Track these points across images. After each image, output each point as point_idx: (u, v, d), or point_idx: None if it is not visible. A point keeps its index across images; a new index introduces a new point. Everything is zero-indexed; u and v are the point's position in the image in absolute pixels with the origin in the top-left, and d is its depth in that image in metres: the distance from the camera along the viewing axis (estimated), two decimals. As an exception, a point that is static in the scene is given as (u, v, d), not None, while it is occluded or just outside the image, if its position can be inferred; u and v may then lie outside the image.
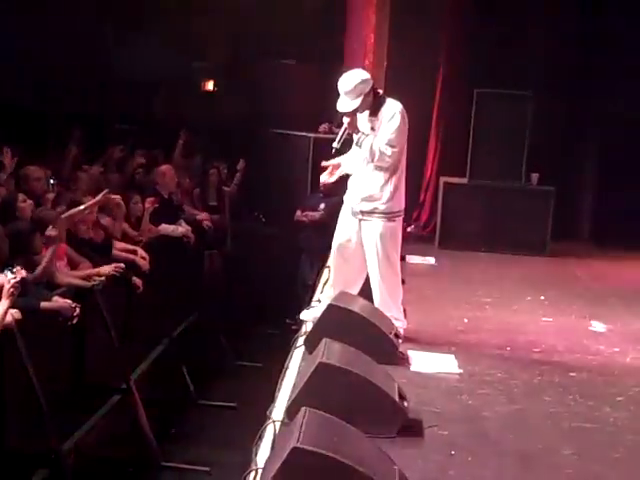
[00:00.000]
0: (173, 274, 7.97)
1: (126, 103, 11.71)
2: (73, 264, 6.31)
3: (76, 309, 5.58)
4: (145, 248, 7.44)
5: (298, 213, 9.68)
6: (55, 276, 5.88)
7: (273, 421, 4.01)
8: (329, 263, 5.97)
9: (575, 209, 10.71)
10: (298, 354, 5.17)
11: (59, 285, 5.83)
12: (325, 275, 6.75)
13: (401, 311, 5.69)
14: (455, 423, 4.36)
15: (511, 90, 9.59)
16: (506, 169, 9.62)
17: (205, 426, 7.38)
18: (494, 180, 9.64)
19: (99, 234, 7.03)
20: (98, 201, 6.76)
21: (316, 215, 9.47)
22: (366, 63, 9.85)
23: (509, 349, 5.77)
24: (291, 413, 3.91)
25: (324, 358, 4.13)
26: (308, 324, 5.60)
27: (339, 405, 3.83)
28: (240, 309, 9.87)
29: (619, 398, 4.92)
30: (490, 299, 7.24)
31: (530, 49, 10.41)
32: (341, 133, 5.51)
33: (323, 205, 9.30)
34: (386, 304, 5.52)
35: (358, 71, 5.56)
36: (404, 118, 5.46)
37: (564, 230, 10.09)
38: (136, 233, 7.80)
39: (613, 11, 10.16)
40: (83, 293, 5.94)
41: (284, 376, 4.78)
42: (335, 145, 5.46)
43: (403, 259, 8.24)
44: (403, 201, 5.60)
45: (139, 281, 6.91)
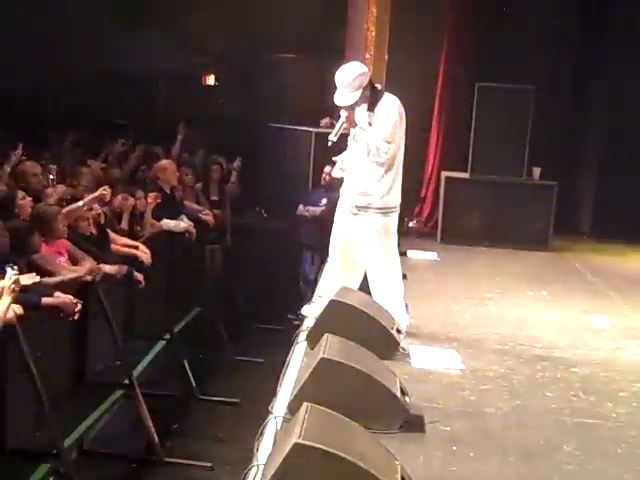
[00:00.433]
0: (175, 269, 7.96)
1: (126, 98, 11.72)
2: (74, 260, 6.30)
3: (78, 305, 5.58)
4: (147, 243, 7.44)
5: (300, 208, 9.66)
6: (57, 271, 5.89)
7: (275, 417, 4.01)
8: (329, 258, 5.95)
9: (577, 204, 10.71)
10: (300, 349, 5.17)
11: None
12: (326, 270, 6.74)
13: (402, 306, 5.68)
14: (457, 419, 4.35)
15: (513, 84, 9.57)
16: (508, 163, 9.61)
17: (207, 422, 7.38)
18: (496, 175, 9.62)
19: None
20: (96, 197, 6.75)
21: (318, 210, 9.45)
22: (367, 57, 9.83)
23: (511, 344, 5.76)
24: (293, 409, 3.91)
25: (326, 353, 4.13)
26: (310, 319, 5.59)
27: (341, 401, 3.83)
28: (242, 304, 9.87)
29: (621, 394, 4.92)
30: (492, 294, 7.24)
31: (532, 42, 10.39)
32: (338, 126, 5.46)
33: (325, 200, 9.27)
34: (386, 299, 5.50)
35: (355, 64, 5.52)
36: (401, 113, 5.43)
37: (566, 225, 10.09)
38: (138, 228, 7.79)
39: (617, 4, 10.15)
40: (85, 288, 5.93)
41: (286, 371, 4.78)
42: (331, 138, 5.39)
43: (405, 254, 8.26)
44: (399, 196, 5.56)
45: (141, 276, 6.90)
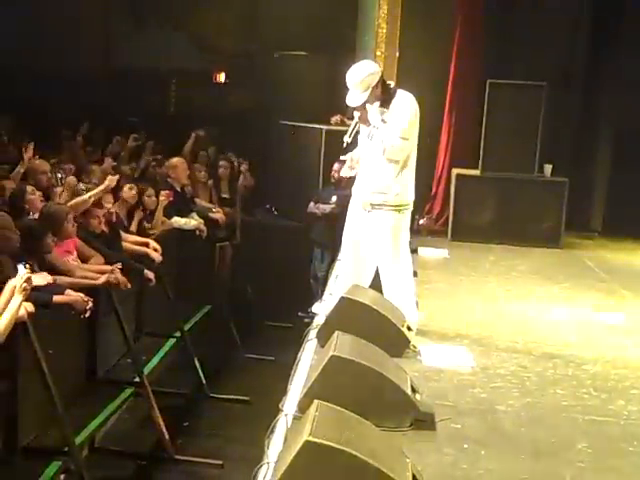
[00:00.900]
0: (185, 267, 7.97)
1: (138, 96, 11.74)
2: (83, 258, 6.32)
3: (89, 302, 5.59)
4: (157, 241, 7.45)
5: (311, 205, 9.66)
6: (69, 270, 5.90)
7: (285, 414, 4.01)
8: (340, 256, 5.94)
9: (588, 200, 10.65)
10: (310, 347, 5.17)
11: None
12: (337, 268, 6.74)
13: (413, 303, 5.67)
14: (468, 416, 4.35)
15: (524, 81, 9.53)
16: (519, 160, 9.56)
17: (217, 420, 7.39)
18: (507, 172, 9.57)
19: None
20: (102, 189, 6.74)
21: (328, 208, 9.44)
22: (378, 54, 9.81)
23: (522, 342, 5.75)
24: (303, 406, 3.90)
25: (336, 351, 4.12)
26: (320, 317, 5.59)
27: (351, 398, 3.82)
28: (252, 302, 9.88)
29: (633, 391, 4.90)
30: (503, 291, 7.22)
31: (544, 39, 10.34)
32: (352, 127, 5.47)
33: (335, 198, 9.26)
34: (397, 296, 5.50)
35: (365, 63, 5.51)
36: (415, 110, 5.43)
37: (578, 222, 10.04)
38: (149, 225, 7.80)
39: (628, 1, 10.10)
40: (95, 286, 5.94)
41: (296, 369, 4.78)
42: (346, 139, 5.40)
43: (415, 251, 8.24)
44: (413, 193, 5.57)
45: (151, 274, 6.91)
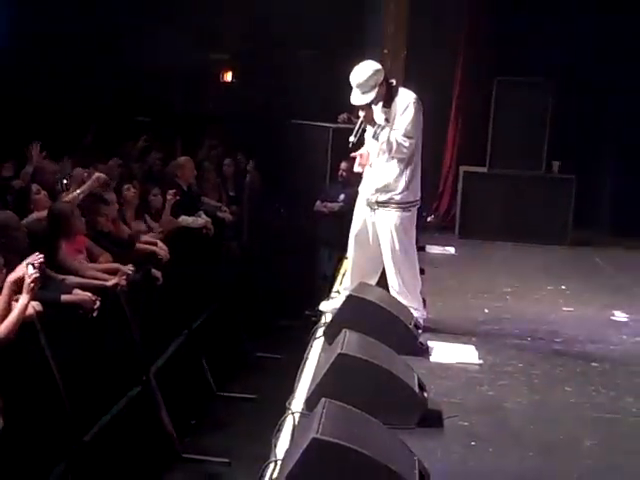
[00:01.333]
0: (192, 266, 7.97)
1: (144, 95, 11.75)
2: (92, 257, 6.32)
3: (96, 302, 5.60)
4: (165, 239, 7.45)
5: (318, 204, 9.66)
6: (78, 269, 5.91)
7: (292, 412, 4.01)
8: (347, 254, 5.95)
9: (596, 197, 10.62)
10: (317, 345, 5.17)
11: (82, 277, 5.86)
12: (344, 266, 6.73)
13: (420, 301, 5.68)
14: (475, 414, 4.34)
15: (532, 78, 9.51)
16: (526, 157, 9.55)
17: (225, 418, 7.40)
18: (514, 169, 9.57)
19: (123, 231, 7.06)
20: (90, 185, 6.70)
21: (335, 206, 9.44)
22: (385, 52, 9.81)
23: (530, 339, 5.74)
24: (310, 404, 3.90)
25: (343, 349, 4.13)
26: (327, 315, 5.60)
27: (358, 396, 3.82)
28: (259, 300, 9.88)
29: (642, 388, 4.89)
30: (511, 289, 7.21)
31: (550, 36, 10.32)
32: (357, 126, 5.48)
33: (343, 196, 9.27)
34: (403, 294, 5.51)
35: (369, 63, 5.49)
36: (419, 108, 5.43)
37: (585, 219, 10.01)
38: (156, 224, 7.81)
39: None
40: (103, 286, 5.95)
41: (303, 367, 4.78)
42: (352, 139, 5.43)
43: (423, 249, 8.23)
44: (419, 191, 5.59)
45: (158, 273, 6.91)
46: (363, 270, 5.69)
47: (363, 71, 5.35)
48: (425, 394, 4.27)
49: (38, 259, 4.65)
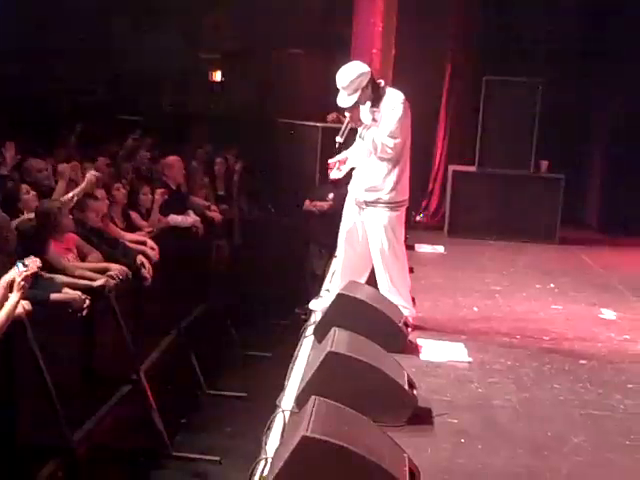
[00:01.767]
0: (182, 264, 7.97)
1: (134, 95, 11.74)
2: (82, 255, 6.31)
3: (86, 301, 5.59)
4: (154, 238, 7.44)
5: (307, 203, 9.66)
6: (66, 268, 5.90)
7: (282, 410, 4.02)
8: (337, 253, 5.96)
9: (584, 196, 10.68)
10: (307, 343, 5.18)
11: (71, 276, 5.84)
12: (334, 265, 6.75)
13: (409, 299, 5.70)
14: (465, 411, 4.36)
15: (520, 78, 9.55)
16: (515, 157, 9.59)
17: (215, 416, 7.40)
18: (503, 168, 9.60)
19: (112, 229, 7.05)
20: (83, 188, 6.69)
21: (325, 205, 9.45)
22: (374, 51, 9.81)
23: (519, 337, 5.76)
24: (300, 402, 3.91)
25: (333, 347, 4.13)
26: (317, 313, 5.61)
27: (348, 394, 3.83)
28: (249, 299, 9.87)
29: (629, 385, 4.92)
30: (500, 287, 7.24)
31: (539, 36, 10.37)
32: (344, 127, 5.48)
33: (332, 195, 9.27)
34: (393, 293, 5.53)
35: (355, 64, 5.49)
36: (406, 108, 5.43)
37: (573, 218, 10.07)
38: (145, 223, 7.80)
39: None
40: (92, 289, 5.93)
41: (293, 365, 4.79)
42: (338, 139, 5.42)
43: (412, 248, 8.26)
44: (407, 190, 5.60)
45: (147, 273, 6.88)
46: (353, 269, 5.70)
47: (348, 73, 5.35)
48: (415, 392, 4.29)
49: (34, 262, 4.66)
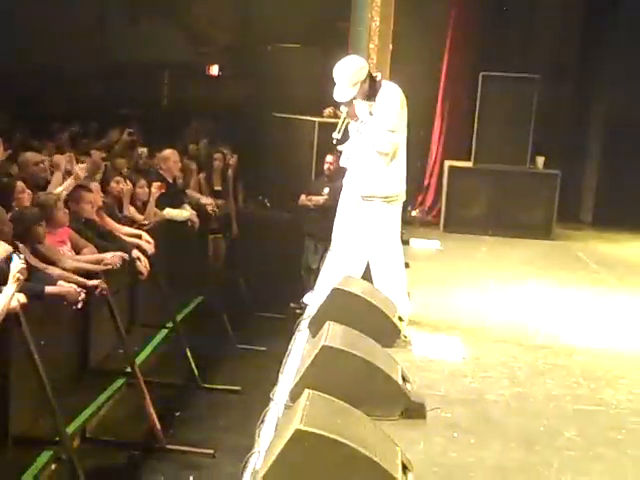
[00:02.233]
0: (178, 258, 7.98)
1: (131, 88, 11.73)
2: (77, 248, 6.31)
3: (81, 294, 5.58)
4: (150, 232, 7.44)
5: (302, 197, 9.66)
6: (61, 261, 5.90)
7: (276, 404, 4.03)
8: (332, 247, 5.96)
9: (580, 192, 10.70)
10: (302, 337, 5.19)
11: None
12: (329, 259, 6.76)
13: (404, 294, 5.70)
14: (458, 405, 4.37)
15: (517, 73, 9.56)
16: (511, 152, 9.60)
17: (209, 409, 7.40)
18: (499, 163, 9.61)
19: (107, 222, 7.05)
20: (72, 182, 6.66)
21: (320, 200, 9.45)
22: (371, 47, 9.80)
23: (513, 332, 5.78)
24: (294, 396, 3.92)
25: (327, 341, 4.14)
26: (312, 308, 5.61)
27: (342, 388, 3.84)
28: (244, 293, 9.88)
29: (622, 381, 4.93)
30: (495, 282, 7.25)
31: (536, 32, 10.37)
32: (341, 122, 5.48)
33: (327, 190, 9.27)
34: (388, 287, 5.53)
35: (352, 58, 5.49)
36: (402, 101, 5.43)
37: (569, 213, 10.09)
38: (142, 217, 7.80)
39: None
40: (88, 278, 5.93)
41: (288, 359, 4.79)
42: (335, 135, 5.42)
43: (407, 243, 8.27)
44: (404, 185, 5.59)
45: (142, 266, 6.88)
46: (348, 263, 5.70)
47: (346, 67, 5.33)
48: (408, 386, 4.30)
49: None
